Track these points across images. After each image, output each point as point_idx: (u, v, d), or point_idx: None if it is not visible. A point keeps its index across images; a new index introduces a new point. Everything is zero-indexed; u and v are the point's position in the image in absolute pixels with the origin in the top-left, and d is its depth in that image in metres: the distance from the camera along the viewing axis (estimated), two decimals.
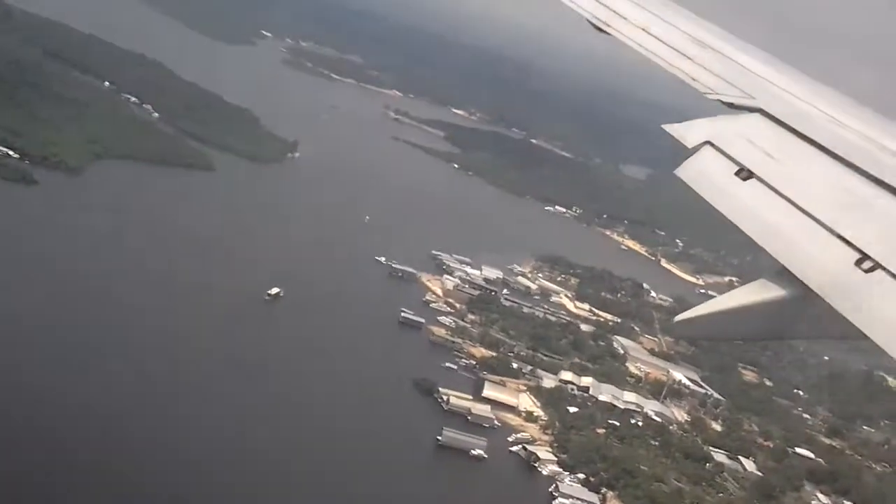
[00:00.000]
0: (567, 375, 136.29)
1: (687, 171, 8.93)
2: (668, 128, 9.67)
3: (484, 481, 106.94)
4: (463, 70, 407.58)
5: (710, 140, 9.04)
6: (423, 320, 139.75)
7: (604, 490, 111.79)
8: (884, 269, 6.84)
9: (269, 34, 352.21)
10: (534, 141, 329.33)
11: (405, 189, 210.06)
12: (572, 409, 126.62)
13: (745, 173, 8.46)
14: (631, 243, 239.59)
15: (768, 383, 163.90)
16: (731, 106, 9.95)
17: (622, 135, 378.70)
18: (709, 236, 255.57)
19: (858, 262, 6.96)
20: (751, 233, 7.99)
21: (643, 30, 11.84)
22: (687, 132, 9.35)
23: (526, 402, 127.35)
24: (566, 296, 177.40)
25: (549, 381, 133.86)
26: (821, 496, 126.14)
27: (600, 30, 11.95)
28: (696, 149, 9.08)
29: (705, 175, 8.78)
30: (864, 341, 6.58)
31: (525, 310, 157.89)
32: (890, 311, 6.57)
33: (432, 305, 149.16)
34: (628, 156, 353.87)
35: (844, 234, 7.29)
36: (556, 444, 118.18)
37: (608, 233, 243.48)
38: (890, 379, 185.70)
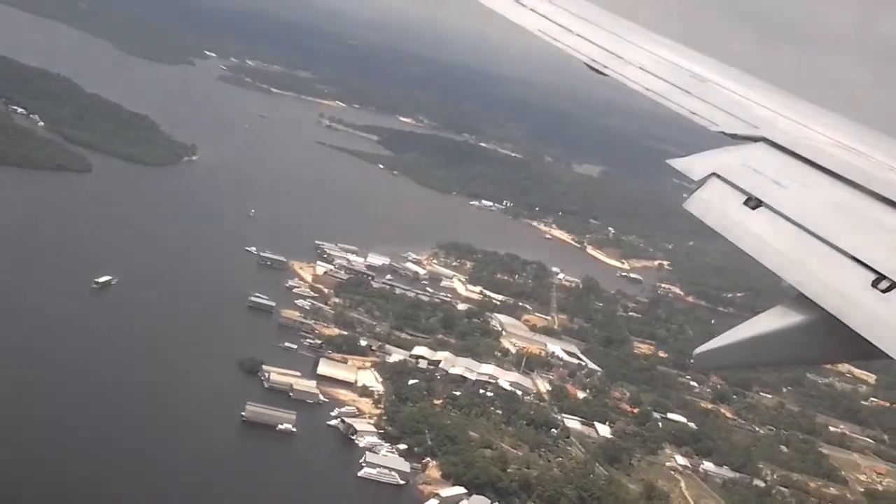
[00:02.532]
0: (421, 350, 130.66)
1: (695, 204, 8.94)
2: (672, 162, 9.62)
3: (283, 454, 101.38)
4: (422, 82, 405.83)
5: (715, 171, 9.10)
6: (273, 304, 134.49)
7: (427, 459, 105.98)
8: None
9: (213, 54, 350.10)
10: (483, 144, 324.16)
11: (311, 186, 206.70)
12: (413, 382, 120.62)
13: (753, 202, 8.53)
14: (558, 232, 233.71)
15: (662, 355, 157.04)
16: (734, 137, 10.04)
17: (594, 139, 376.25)
18: (646, 224, 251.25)
19: (875, 283, 6.98)
20: (764, 261, 7.87)
21: (641, 69, 11.94)
22: (692, 165, 9.41)
23: (368, 377, 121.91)
24: (459, 279, 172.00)
25: (398, 357, 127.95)
26: (679, 458, 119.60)
27: (599, 72, 11.97)
28: (702, 181, 9.10)
29: (714, 206, 8.81)
30: (888, 360, 6.55)
31: (398, 292, 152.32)
32: None
33: (295, 290, 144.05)
34: (590, 157, 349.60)
35: (858, 256, 7.30)
36: (385, 417, 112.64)
37: (535, 223, 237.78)
38: None
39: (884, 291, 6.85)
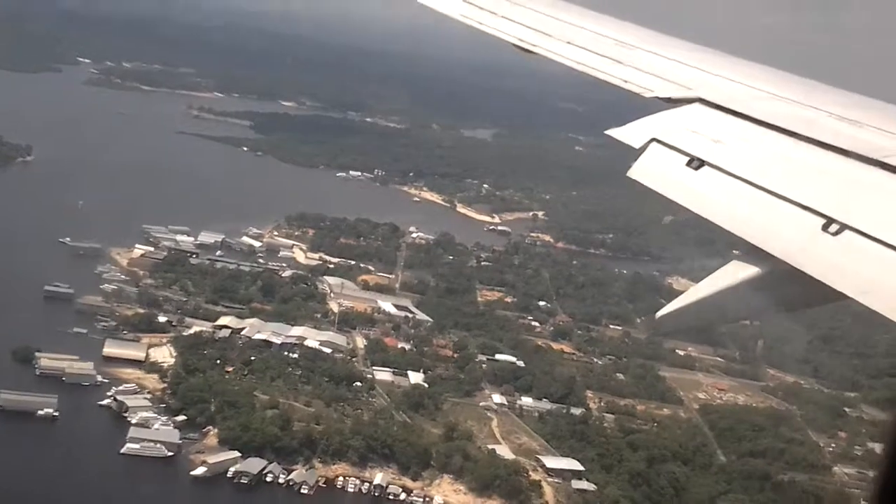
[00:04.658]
0: (226, 320, 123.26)
1: (638, 171, 9.04)
2: (611, 132, 9.71)
3: (38, 440, 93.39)
4: (313, 66, 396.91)
5: (655, 137, 9.18)
6: (72, 291, 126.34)
7: (208, 427, 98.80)
8: (850, 228, 6.94)
9: (86, 60, 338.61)
10: (368, 119, 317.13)
11: (156, 174, 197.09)
12: (207, 353, 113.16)
13: (696, 163, 8.56)
14: (428, 195, 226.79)
15: (509, 300, 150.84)
16: (669, 100, 10.18)
17: (493, 104, 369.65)
18: (527, 178, 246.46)
19: (825, 227, 7.05)
20: (714, 219, 7.88)
21: (569, 44, 12.02)
22: (631, 133, 9.47)
23: (161, 353, 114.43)
24: (299, 248, 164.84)
25: (200, 329, 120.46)
26: (496, 397, 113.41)
27: (527, 51, 12.19)
28: (643, 148, 9.21)
29: (657, 172, 8.89)
30: (848, 301, 6.58)
31: (219, 266, 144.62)
32: (864, 268, 6.66)
33: (104, 276, 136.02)
34: (485, 121, 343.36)
35: (805, 203, 7.38)
36: (168, 391, 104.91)
37: (405, 188, 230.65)
38: (677, 280, 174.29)
39: (834, 235, 6.91)
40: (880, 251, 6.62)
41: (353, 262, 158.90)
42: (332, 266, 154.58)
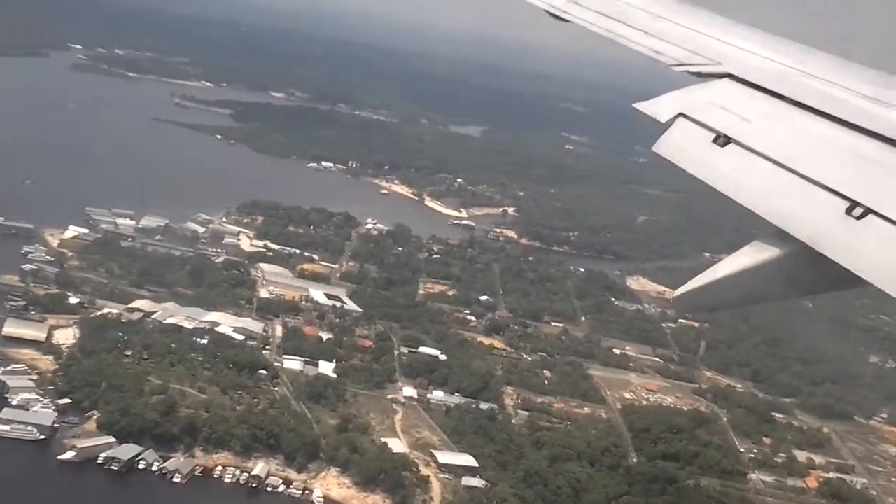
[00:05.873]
0: (140, 304, 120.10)
1: (664, 147, 8.79)
2: (638, 106, 9.48)
3: None
4: (310, 59, 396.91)
5: (682, 112, 8.96)
6: None
7: (92, 412, 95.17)
8: (875, 213, 6.72)
9: (78, 46, 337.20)
10: (357, 112, 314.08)
11: (118, 158, 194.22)
12: (110, 335, 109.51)
13: (722, 140, 8.35)
14: (398, 187, 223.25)
15: (451, 293, 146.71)
16: (698, 75, 9.96)
17: (489, 102, 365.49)
18: (504, 174, 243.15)
19: (849, 210, 6.84)
20: (737, 198, 7.66)
21: (599, 13, 12.17)
22: (658, 108, 9.27)
23: (65, 335, 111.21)
24: (246, 235, 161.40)
25: (109, 312, 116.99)
26: (407, 389, 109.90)
27: (560, 18, 12.40)
28: (669, 123, 8.97)
29: (683, 147, 8.61)
30: (868, 288, 6.34)
31: (150, 249, 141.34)
32: (888, 254, 6.41)
33: (30, 256, 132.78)
34: (477, 118, 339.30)
35: (830, 185, 7.14)
36: (59, 373, 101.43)
37: (377, 181, 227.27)
38: (637, 280, 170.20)
39: (858, 218, 6.67)
40: None
41: (297, 251, 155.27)
42: (271, 254, 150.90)
